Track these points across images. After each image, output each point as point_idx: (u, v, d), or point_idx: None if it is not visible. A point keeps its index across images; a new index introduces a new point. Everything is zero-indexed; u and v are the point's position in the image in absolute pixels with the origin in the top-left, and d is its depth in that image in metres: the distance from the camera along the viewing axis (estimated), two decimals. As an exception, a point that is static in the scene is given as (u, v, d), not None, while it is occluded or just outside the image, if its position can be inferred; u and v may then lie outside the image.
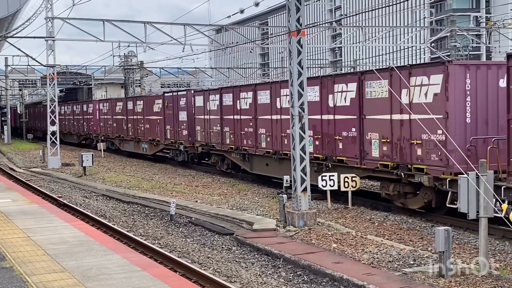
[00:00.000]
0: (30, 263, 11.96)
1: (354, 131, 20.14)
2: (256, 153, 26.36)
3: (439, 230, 11.63)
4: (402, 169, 18.00)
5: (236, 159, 28.55)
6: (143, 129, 40.19)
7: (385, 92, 18.58)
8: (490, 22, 49.52)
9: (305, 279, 12.36)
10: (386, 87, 18.39)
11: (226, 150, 29.37)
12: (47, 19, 35.68)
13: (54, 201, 22.42)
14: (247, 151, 27.22)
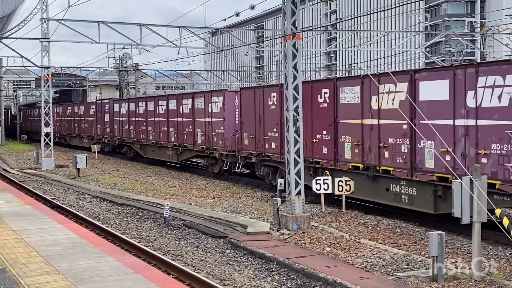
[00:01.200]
0: (23, 264, 11.93)
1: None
2: (147, 143, 39.23)
3: (433, 234, 11.66)
4: None
5: (137, 148, 41.19)
6: (84, 128, 53.93)
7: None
8: (485, 28, 49.71)
9: (299, 283, 12.36)
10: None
11: (131, 142, 42.03)
12: (42, 20, 35.63)
13: (48, 202, 22.36)
14: (142, 142, 39.97)
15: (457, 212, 11.76)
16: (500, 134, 14.64)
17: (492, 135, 14.86)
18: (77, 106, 57.65)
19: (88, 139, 51.88)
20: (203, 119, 31.39)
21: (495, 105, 14.73)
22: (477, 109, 15.23)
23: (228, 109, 29.12)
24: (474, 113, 15.33)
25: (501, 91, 14.54)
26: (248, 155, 26.63)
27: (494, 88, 14.74)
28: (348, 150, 20.09)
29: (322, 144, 21.47)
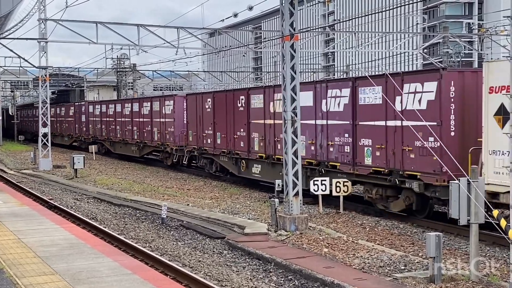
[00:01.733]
0: (21, 265, 11.92)
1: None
2: (116, 140, 44.82)
3: (430, 235, 11.67)
4: None
5: (108, 144, 47.10)
6: (65, 127, 59.21)
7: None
8: (483, 29, 49.78)
9: (296, 284, 12.36)
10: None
11: (103, 139, 47.91)
12: (40, 20, 35.60)
13: (45, 203, 22.33)
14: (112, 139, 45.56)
15: (455, 213, 11.77)
16: (339, 130, 20.69)
17: (336, 131, 20.87)
18: (59, 107, 62.62)
19: (68, 138, 57.93)
20: (159, 119, 37.07)
21: (337, 110, 20.76)
22: (327, 113, 21.23)
23: (177, 112, 34.69)
24: (326, 116, 21.34)
25: (340, 100, 20.64)
26: (192, 149, 32.18)
27: (336, 98, 20.82)
28: (257, 144, 25.77)
29: (240, 139, 27.10)
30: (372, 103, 19.18)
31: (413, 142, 17.43)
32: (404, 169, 17.89)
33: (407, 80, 17.91)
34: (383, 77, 18.65)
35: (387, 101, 17.74)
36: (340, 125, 20.62)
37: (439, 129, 16.55)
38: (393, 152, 18.24)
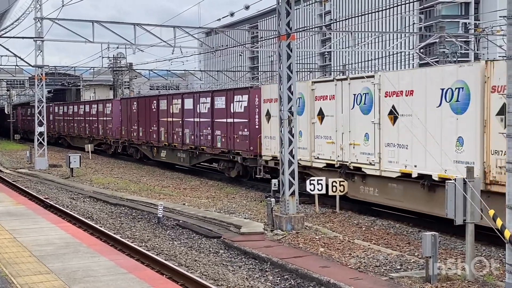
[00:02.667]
0: (16, 264, 11.89)
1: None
2: (74, 136, 54.46)
3: (426, 235, 11.68)
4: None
5: (68, 139, 56.28)
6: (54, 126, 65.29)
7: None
8: (479, 29, 49.86)
9: (292, 283, 12.36)
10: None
11: (65, 135, 57.29)
12: (36, 19, 35.54)
13: (41, 202, 22.29)
14: (71, 135, 55.22)
15: (451, 213, 11.78)
16: (206, 125, 30.44)
17: (204, 126, 30.62)
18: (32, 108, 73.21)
19: (28, 134, 67.32)
20: (102, 118, 46.84)
21: (204, 112, 30.72)
22: (200, 113, 31.19)
23: (114, 112, 44.08)
24: (199, 116, 31.28)
25: (205, 105, 30.69)
26: (124, 141, 42.11)
27: (205, 104, 30.75)
28: (163, 136, 35.69)
29: (153, 132, 37.17)
30: (220, 108, 29.15)
31: (238, 132, 27.34)
32: (234, 149, 27.67)
33: (236, 93, 28.15)
34: (226, 91, 30.08)
35: (227, 106, 28.37)
36: (205, 121, 30.61)
37: (249, 124, 26.48)
38: (230, 139, 28.05)
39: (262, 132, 25.05)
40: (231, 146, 27.90)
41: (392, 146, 17.86)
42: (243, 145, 26.96)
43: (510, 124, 9.61)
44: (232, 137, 27.83)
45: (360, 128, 19.27)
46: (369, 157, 18.90)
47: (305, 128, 21.80)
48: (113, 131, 43.89)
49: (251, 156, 26.30)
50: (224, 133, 28.65)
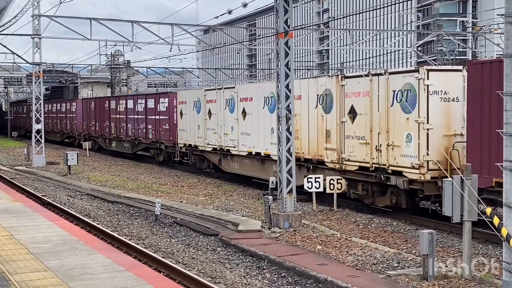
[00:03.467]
0: (13, 261, 11.88)
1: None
2: (49, 130, 58.01)
3: (423, 233, 11.69)
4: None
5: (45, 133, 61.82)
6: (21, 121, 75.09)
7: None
8: (476, 27, 49.88)
9: (290, 281, 12.37)
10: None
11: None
12: (34, 16, 35.48)
13: (38, 199, 22.27)
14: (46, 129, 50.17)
15: (448, 211, 11.79)
16: (142, 121, 37.73)
17: (141, 122, 38.03)
18: (16, 106, 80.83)
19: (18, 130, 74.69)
20: (70, 114, 55.16)
21: (140, 110, 38.72)
22: (138, 112, 38.63)
23: (78, 110, 52.44)
24: (137, 113, 38.88)
25: (142, 105, 38.98)
26: (85, 134, 49.86)
27: (140, 104, 39.13)
28: (112, 129, 43.08)
29: (106, 127, 45.06)
30: (151, 107, 37.17)
31: (162, 126, 35.29)
32: (160, 139, 35.70)
33: (161, 97, 36.52)
34: (155, 94, 38.99)
35: (155, 106, 36.52)
36: (142, 118, 38.43)
37: (169, 120, 34.36)
38: (157, 131, 35.92)
39: (178, 126, 33.33)
40: (158, 137, 36.14)
41: (243, 134, 26.26)
42: (165, 136, 35.12)
43: (507, 122, 9.63)
44: (159, 130, 35.96)
45: (229, 122, 27.57)
46: (233, 142, 26.97)
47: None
48: (77, 126, 52.47)
49: (171, 144, 34.50)
50: (154, 127, 36.81)
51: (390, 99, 18.17)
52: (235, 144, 26.74)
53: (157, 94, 38.79)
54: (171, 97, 34.82)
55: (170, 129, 34.23)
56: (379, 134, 18.61)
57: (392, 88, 18.09)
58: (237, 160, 27.08)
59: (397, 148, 17.93)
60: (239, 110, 26.41)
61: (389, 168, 18.20)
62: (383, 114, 18.45)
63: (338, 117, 20.39)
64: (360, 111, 19.46)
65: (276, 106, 17.53)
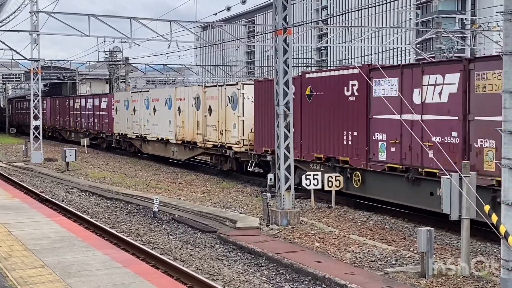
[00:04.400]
0: (11, 258, 11.86)
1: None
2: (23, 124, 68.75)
3: (422, 230, 11.69)
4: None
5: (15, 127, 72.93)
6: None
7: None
8: (475, 25, 49.87)
9: (288, 278, 12.36)
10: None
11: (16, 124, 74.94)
12: (32, 12, 35.41)
13: (36, 196, 22.24)
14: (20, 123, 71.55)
15: (446, 208, 11.78)
16: (91, 116, 49.38)
17: (90, 116, 48.92)
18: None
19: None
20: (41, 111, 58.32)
21: (90, 107, 49.54)
22: (88, 109, 50.15)
23: (47, 106, 59.33)
24: (87, 110, 50.43)
25: (91, 103, 49.17)
26: (53, 128, 58.64)
27: (90, 102, 49.31)
28: (71, 123, 52.20)
29: (67, 121, 54.75)
30: (96, 105, 46.21)
31: (104, 120, 44.95)
32: (102, 130, 45.70)
33: (102, 97, 44.11)
34: (99, 95, 45.88)
35: (99, 104, 43.90)
36: (90, 114, 47.62)
37: (108, 115, 43.22)
38: (101, 124, 45.47)
39: (114, 120, 43.44)
40: (101, 129, 46.61)
41: (154, 125, 36.01)
42: (106, 128, 45.64)
43: (506, 119, 9.61)
44: (101, 123, 46.36)
45: (146, 116, 37.96)
46: (148, 131, 36.83)
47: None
48: (47, 120, 58.87)
49: (110, 134, 44.48)
50: (98, 121, 46.80)
51: (226, 101, 28.04)
52: (149, 133, 36.87)
53: (100, 94, 50.64)
54: (109, 97, 46.20)
55: (109, 122, 44.96)
56: (222, 124, 28.22)
57: (227, 95, 28.07)
58: (150, 144, 37.44)
59: (229, 132, 27.69)
60: (151, 108, 36.80)
61: (226, 145, 27.94)
62: (222, 111, 28.33)
63: (203, 113, 30.21)
64: (213, 109, 29.24)
65: (275, 103, 17.50)
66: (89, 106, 49.35)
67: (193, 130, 31.26)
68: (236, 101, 27.14)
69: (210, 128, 29.45)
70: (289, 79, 17.14)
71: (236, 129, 27.01)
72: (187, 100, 32.14)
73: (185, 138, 32.10)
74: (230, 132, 27.51)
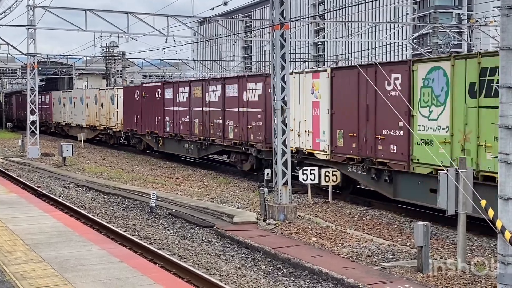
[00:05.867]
0: (8, 253, 11.87)
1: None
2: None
3: (418, 225, 11.71)
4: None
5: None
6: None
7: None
8: (472, 20, 49.87)
9: (285, 272, 12.39)
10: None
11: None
12: (28, 7, 35.30)
13: (33, 191, 22.24)
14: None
15: (443, 203, 11.80)
16: (46, 110, 63.13)
17: (45, 110, 63.38)
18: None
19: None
20: (11, 106, 74.35)
21: (46, 102, 63.40)
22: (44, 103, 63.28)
23: (14, 103, 72.82)
24: (43, 104, 62.55)
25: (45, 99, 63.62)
26: (17, 119, 68.10)
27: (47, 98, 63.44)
28: (43, 114, 60.74)
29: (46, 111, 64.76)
30: (44, 101, 61.59)
31: (48, 112, 61.63)
32: (47, 120, 60.61)
33: (46, 95, 61.79)
34: (49, 93, 62.86)
35: (50, 100, 59.54)
36: (46, 108, 61.35)
37: (49, 108, 60.93)
38: (46, 115, 61.17)
39: (52, 112, 59.38)
40: (45, 118, 59.98)
41: (75, 115, 50.37)
42: (50, 118, 60.07)
43: (502, 114, 9.63)
44: (45, 114, 60.80)
45: (68, 109, 54.91)
46: (72, 120, 52.63)
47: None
48: (13, 113, 73.69)
49: (50, 122, 58.65)
50: (43, 112, 59.86)
51: (109, 99, 43.72)
52: (72, 120, 52.84)
53: (45, 93, 63.58)
54: (50, 95, 61.37)
55: (50, 114, 59.99)
56: (107, 113, 43.30)
57: (109, 95, 43.89)
58: (73, 128, 52.44)
59: (111, 119, 42.96)
60: (73, 103, 52.72)
61: (110, 127, 43.88)
62: (108, 106, 43.73)
63: (98, 107, 45.46)
64: (104, 104, 44.16)
65: (272, 98, 17.51)
66: (46, 100, 62.49)
67: (94, 118, 47.42)
68: (114, 99, 43.13)
69: (102, 117, 45.59)
70: (286, 73, 17.14)
71: (115, 117, 42.97)
72: (91, 98, 48.22)
73: (90, 124, 48.32)
74: (111, 119, 43.70)
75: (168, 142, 33.73)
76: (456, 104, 15.66)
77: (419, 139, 16.44)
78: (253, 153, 25.23)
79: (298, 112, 21.75)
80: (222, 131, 27.45)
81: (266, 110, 23.73)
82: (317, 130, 21.05)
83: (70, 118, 53.23)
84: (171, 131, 32.85)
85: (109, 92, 44.59)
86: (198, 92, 29.91)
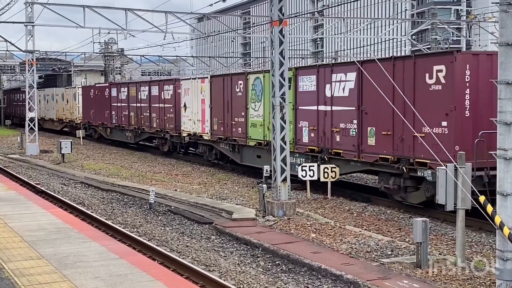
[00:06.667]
0: (7, 249, 11.87)
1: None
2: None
3: (417, 221, 11.72)
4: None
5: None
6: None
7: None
8: (471, 16, 49.80)
9: (284, 269, 12.40)
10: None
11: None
12: (27, 4, 35.24)
13: (32, 188, 22.23)
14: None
15: (442, 199, 11.81)
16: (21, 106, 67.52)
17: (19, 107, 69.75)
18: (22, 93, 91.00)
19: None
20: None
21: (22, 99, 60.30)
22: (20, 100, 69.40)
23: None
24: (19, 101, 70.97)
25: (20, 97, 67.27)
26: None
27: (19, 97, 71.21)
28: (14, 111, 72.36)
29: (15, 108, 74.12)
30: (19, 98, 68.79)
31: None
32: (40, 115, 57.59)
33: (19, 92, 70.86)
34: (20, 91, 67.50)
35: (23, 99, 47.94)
36: (22, 104, 57.16)
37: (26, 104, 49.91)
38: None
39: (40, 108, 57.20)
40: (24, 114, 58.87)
41: (53, 110, 55.97)
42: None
43: (501, 110, 9.64)
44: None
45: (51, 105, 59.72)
46: (48, 114, 59.14)
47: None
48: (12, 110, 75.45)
49: (39, 118, 47.78)
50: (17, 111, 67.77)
51: (72, 97, 50.04)
52: (46, 114, 58.68)
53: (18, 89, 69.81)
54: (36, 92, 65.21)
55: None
56: (71, 108, 50.37)
57: (73, 93, 50.96)
58: (47, 121, 58.46)
59: (74, 113, 50.77)
60: (47, 100, 59.39)
61: (73, 120, 51.67)
62: (72, 102, 50.99)
63: (65, 103, 52.61)
64: (69, 100, 49.57)
65: (271, 94, 17.51)
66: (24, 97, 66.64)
67: (61, 113, 54.94)
68: (76, 97, 50.28)
69: (67, 111, 53.18)
70: (285, 70, 17.12)
71: (77, 111, 50.31)
72: (59, 96, 55.48)
73: (59, 117, 55.52)
74: (74, 113, 50.93)
75: (114, 131, 42.42)
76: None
77: None
78: (168, 138, 33.61)
79: (195, 107, 29.76)
80: (149, 122, 35.72)
81: (175, 106, 32.24)
82: (204, 119, 28.89)
83: (44, 113, 59.85)
84: (116, 122, 41.44)
85: (72, 90, 52.70)
86: (134, 91, 38.48)
